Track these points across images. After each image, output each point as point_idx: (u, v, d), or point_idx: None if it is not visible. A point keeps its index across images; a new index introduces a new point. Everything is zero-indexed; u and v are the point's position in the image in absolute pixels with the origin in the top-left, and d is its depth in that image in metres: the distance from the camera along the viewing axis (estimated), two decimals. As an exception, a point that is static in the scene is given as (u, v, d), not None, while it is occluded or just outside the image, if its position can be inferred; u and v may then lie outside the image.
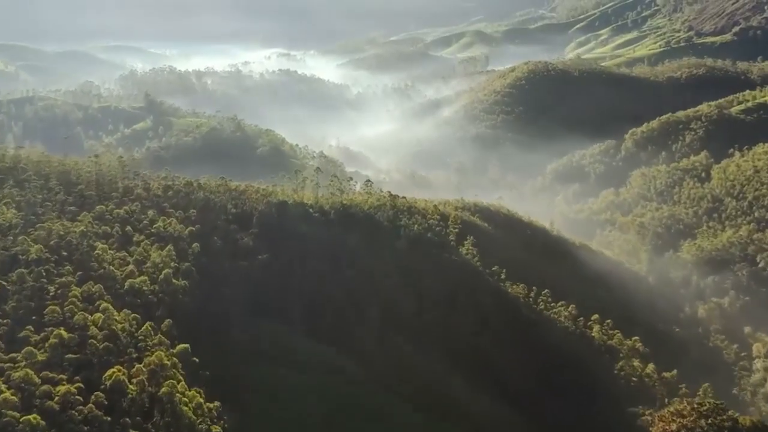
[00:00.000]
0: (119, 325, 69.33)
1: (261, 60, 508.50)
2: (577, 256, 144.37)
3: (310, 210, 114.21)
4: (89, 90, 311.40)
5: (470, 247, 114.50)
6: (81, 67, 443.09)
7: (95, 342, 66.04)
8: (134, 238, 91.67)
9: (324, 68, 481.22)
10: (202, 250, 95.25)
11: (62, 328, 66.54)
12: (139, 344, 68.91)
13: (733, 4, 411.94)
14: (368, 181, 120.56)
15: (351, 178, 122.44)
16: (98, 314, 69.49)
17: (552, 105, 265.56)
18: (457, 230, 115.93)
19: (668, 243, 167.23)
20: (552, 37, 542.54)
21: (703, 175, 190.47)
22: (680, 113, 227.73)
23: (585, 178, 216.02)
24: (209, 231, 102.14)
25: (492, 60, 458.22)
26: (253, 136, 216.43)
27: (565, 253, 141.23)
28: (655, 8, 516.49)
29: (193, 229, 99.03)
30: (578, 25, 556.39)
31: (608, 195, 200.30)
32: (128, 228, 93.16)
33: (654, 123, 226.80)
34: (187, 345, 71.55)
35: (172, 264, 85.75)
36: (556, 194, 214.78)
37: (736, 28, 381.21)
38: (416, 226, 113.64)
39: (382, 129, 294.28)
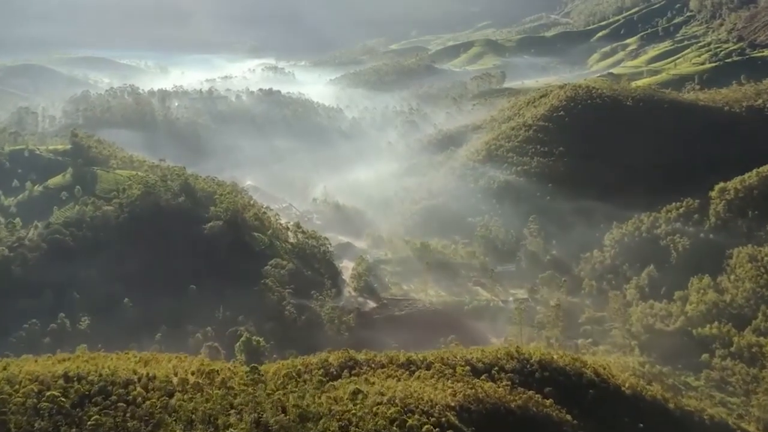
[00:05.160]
0: None
1: (244, 73, 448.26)
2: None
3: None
4: (20, 120, 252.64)
5: None
6: (33, 85, 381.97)
7: None
8: None
9: (315, 83, 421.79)
10: None
11: None
12: None
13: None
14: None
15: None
16: None
17: (602, 144, 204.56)
18: None
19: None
20: (571, 46, 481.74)
21: None
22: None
23: (663, 257, 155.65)
24: None
25: (506, 73, 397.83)
26: (204, 201, 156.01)
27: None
28: (689, 14, 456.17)
29: None
30: (600, 33, 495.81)
31: (704, 288, 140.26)
32: None
33: (751, 176, 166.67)
34: None
35: None
36: (623, 279, 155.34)
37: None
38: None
39: (382, 170, 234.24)
